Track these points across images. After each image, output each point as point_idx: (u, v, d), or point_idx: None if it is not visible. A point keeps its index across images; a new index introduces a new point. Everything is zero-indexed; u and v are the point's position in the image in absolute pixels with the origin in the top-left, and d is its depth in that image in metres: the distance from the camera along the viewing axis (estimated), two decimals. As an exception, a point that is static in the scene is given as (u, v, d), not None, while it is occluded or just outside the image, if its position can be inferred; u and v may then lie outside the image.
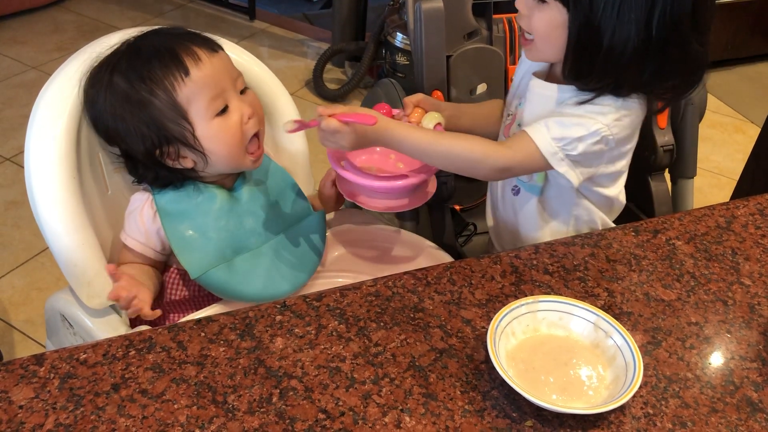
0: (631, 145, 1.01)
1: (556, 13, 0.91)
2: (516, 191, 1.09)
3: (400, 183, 0.99)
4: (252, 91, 1.01)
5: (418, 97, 1.08)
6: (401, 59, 2.22)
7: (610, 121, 0.93)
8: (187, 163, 0.96)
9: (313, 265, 1.03)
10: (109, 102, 0.93)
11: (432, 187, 1.06)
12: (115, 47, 0.97)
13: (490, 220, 1.19)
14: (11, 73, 2.63)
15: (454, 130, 1.07)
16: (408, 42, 2.10)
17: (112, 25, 3.00)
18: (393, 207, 1.02)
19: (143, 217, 0.98)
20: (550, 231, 1.08)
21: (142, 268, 1.01)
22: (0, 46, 2.79)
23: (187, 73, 0.92)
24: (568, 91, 0.97)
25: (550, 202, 1.06)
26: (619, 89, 0.93)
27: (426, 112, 1.06)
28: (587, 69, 0.92)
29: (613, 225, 1.10)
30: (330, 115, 0.91)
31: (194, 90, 0.92)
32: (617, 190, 1.06)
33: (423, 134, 0.96)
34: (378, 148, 1.08)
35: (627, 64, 0.90)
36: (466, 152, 0.95)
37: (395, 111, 1.07)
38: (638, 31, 0.87)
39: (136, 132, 0.93)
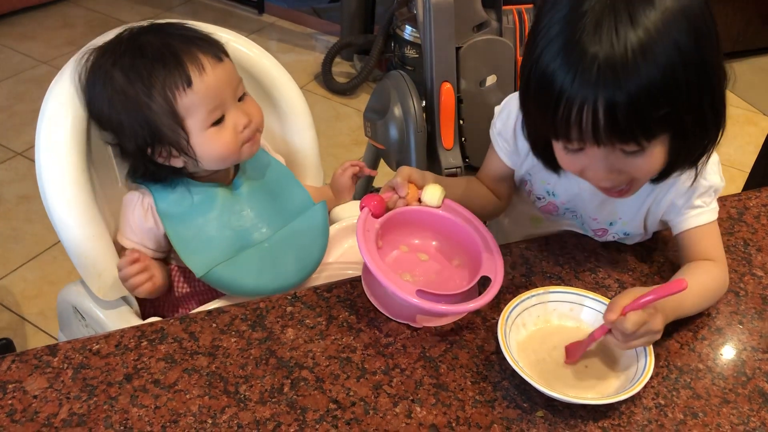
0: None
1: (659, 146, 0.75)
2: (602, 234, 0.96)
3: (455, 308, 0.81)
4: (250, 97, 0.99)
5: (407, 171, 0.90)
6: (410, 52, 2.22)
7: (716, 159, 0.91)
8: (177, 163, 0.96)
9: (318, 256, 1.02)
10: (107, 92, 0.92)
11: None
12: (119, 34, 0.95)
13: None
14: (22, 69, 2.65)
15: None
16: (417, 35, 2.10)
17: (121, 19, 3.00)
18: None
19: (135, 216, 0.98)
20: None
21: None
22: (11, 42, 2.80)
23: (189, 83, 0.90)
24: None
25: None
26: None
27: (418, 186, 0.89)
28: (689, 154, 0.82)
29: None
30: (622, 312, 0.71)
31: (194, 101, 0.91)
32: None
33: (687, 289, 0.74)
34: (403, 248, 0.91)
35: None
36: (717, 286, 0.86)
37: (386, 195, 0.88)
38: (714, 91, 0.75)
39: (129, 128, 0.92)
